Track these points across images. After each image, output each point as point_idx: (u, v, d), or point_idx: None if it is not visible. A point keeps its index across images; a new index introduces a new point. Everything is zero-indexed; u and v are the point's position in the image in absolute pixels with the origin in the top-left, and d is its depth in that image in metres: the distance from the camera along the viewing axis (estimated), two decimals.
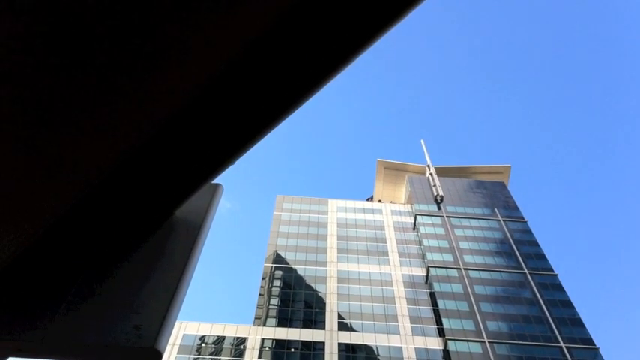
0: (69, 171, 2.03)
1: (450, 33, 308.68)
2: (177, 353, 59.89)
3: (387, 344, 61.79)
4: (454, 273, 71.16)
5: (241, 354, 60.56)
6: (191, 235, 2.57)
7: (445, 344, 60.91)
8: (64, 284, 2.26)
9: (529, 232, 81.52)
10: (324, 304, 67.83)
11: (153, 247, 2.49)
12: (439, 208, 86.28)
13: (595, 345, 60.73)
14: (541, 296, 67.65)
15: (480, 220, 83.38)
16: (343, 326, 64.32)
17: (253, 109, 2.08)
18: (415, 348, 61.29)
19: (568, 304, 66.98)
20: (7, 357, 2.10)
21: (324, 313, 66.34)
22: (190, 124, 2.09)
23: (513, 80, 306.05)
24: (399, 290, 70.19)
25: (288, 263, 74.58)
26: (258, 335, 62.73)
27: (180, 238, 2.55)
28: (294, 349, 61.39)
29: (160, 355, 2.04)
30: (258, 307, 68.15)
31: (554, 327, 62.81)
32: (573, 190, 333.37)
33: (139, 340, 2.03)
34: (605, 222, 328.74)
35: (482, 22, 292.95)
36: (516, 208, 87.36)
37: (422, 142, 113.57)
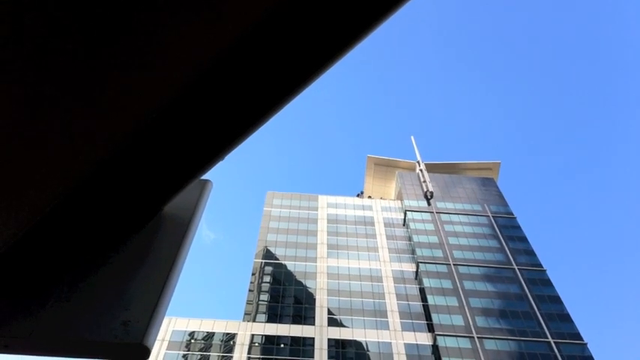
0: (56, 165, 2.01)
1: (441, 30, 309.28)
2: (167, 349, 59.79)
3: (376, 340, 62.02)
4: (444, 269, 71.49)
5: (231, 350, 60.55)
6: (180, 230, 2.56)
7: (434, 340, 61.24)
8: (51, 280, 2.25)
9: (518, 227, 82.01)
10: (314, 299, 67.94)
11: (141, 242, 2.48)
12: (429, 204, 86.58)
13: (583, 340, 61.32)
14: (530, 292, 68.15)
15: (469, 216, 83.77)
16: (333, 322, 64.47)
17: (242, 104, 2.07)
18: (405, 343, 61.57)
19: (556, 299, 67.54)
20: None
21: (313, 309, 66.45)
22: (179, 119, 2.08)
23: (504, 77, 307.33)
24: (389, 286, 70.43)
25: (278, 259, 74.58)
26: (247, 331, 62.73)
27: (169, 234, 2.54)
28: (284, 344, 61.45)
29: (148, 351, 2.03)
30: (248, 303, 68.17)
31: (542, 322, 63.32)
32: (562, 186, 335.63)
33: (128, 337, 2.02)
34: (594, 218, 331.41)
35: (473, 19, 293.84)
36: (506, 204, 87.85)
37: (412, 138, 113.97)
